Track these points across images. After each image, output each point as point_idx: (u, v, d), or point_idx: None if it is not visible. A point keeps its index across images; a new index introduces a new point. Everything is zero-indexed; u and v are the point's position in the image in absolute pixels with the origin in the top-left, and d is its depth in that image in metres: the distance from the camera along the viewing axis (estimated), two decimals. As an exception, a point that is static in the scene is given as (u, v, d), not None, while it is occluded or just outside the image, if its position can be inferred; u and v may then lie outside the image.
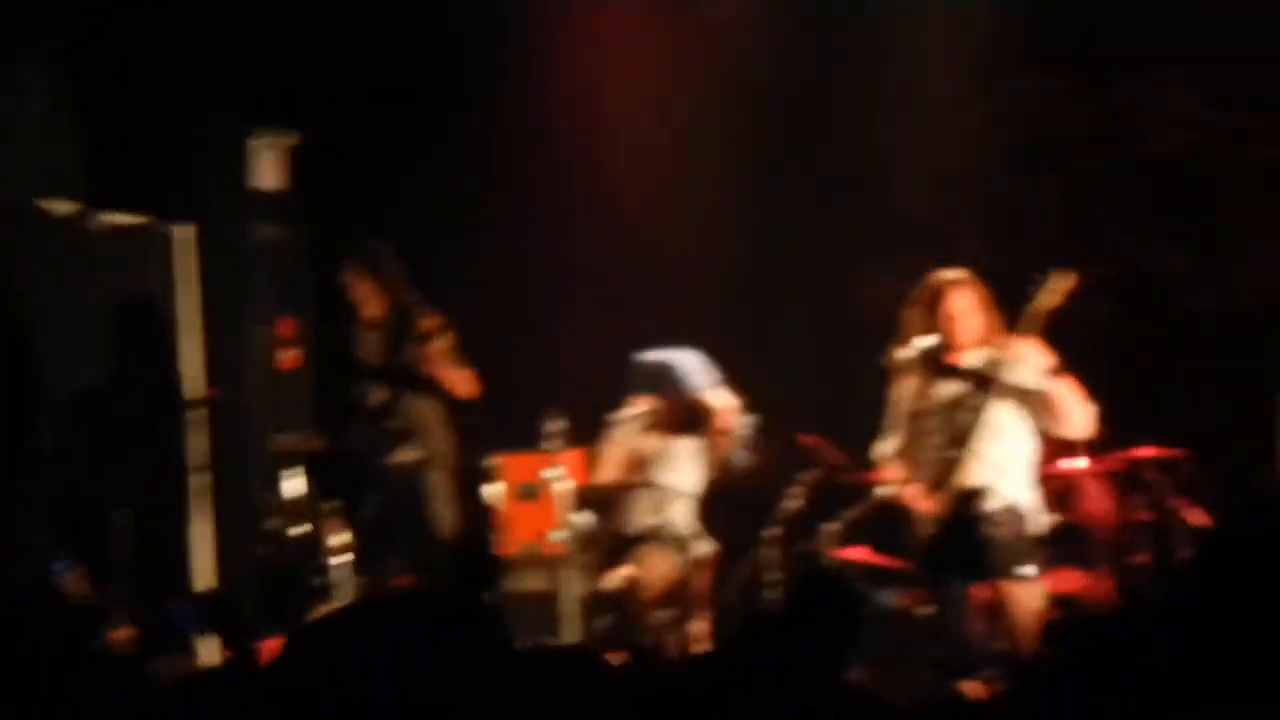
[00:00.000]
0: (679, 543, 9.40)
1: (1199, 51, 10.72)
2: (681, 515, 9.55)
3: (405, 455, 9.38)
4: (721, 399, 9.53)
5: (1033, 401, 8.25)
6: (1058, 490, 9.78)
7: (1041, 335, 8.22)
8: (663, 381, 9.58)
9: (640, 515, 9.56)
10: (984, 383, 8.28)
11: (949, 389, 8.41)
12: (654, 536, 9.47)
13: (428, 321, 9.38)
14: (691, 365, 9.59)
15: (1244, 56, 10.59)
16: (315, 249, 11.13)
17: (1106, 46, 10.92)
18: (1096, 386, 9.46)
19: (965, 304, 8.40)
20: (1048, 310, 8.16)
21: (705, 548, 9.51)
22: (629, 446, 9.67)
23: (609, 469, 9.68)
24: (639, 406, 9.65)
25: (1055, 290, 8.17)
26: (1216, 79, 10.86)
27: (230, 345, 10.70)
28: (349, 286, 9.58)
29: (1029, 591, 8.19)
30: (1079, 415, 8.31)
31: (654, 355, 9.66)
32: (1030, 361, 8.17)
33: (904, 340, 8.47)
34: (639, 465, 9.64)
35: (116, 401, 9.80)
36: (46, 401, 9.62)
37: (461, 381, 9.47)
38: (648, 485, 9.58)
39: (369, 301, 9.56)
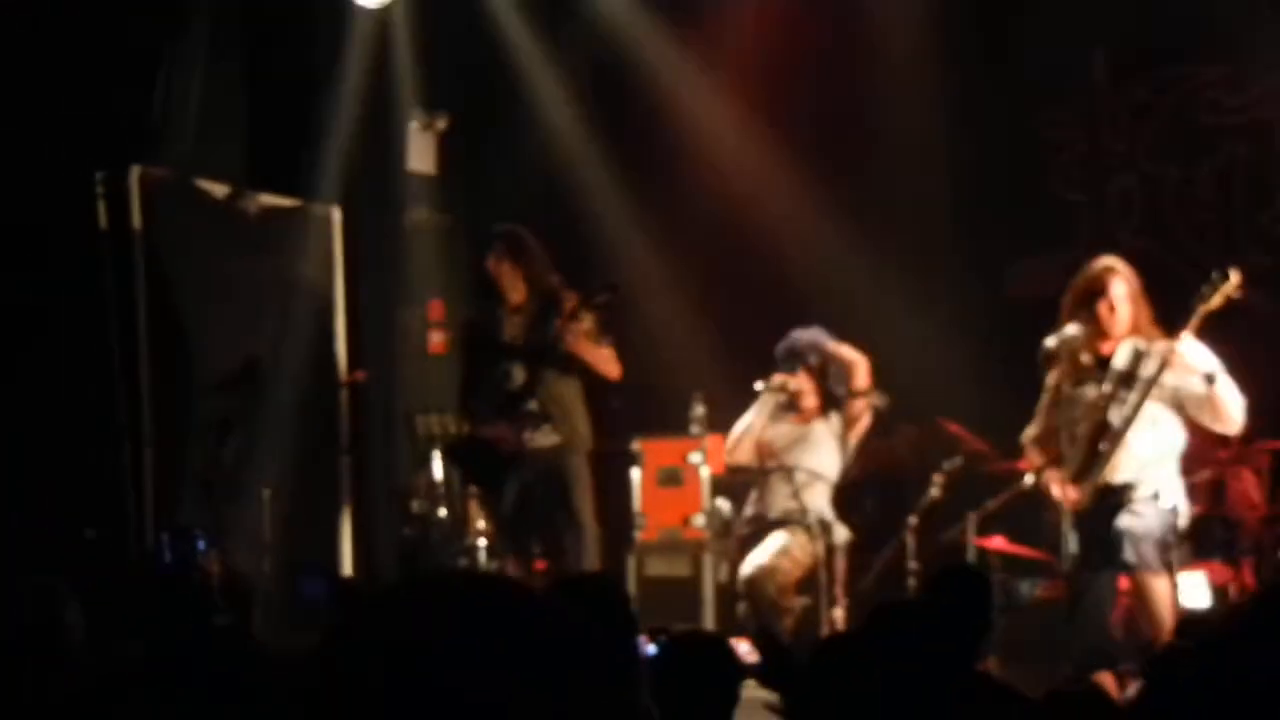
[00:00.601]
0: (817, 528, 9.37)
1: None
2: (820, 500, 9.55)
3: (545, 438, 9.39)
4: (856, 354, 9.55)
5: (1191, 401, 8.18)
6: (1208, 481, 9.68)
7: (1203, 333, 8.12)
8: (800, 353, 9.58)
9: (779, 500, 9.54)
10: (1139, 381, 8.20)
11: (1101, 380, 8.33)
12: (792, 521, 9.44)
13: (569, 301, 9.38)
14: (825, 336, 9.63)
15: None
16: (468, 233, 11.24)
17: (1260, 35, 10.73)
18: (1251, 377, 9.39)
19: (1121, 292, 8.32)
20: (1212, 310, 8.08)
21: (842, 534, 9.50)
22: (766, 424, 9.65)
23: (745, 447, 9.66)
24: (777, 382, 9.62)
25: (1221, 291, 8.07)
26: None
27: (381, 328, 10.83)
28: (491, 271, 9.62)
29: (1169, 584, 8.09)
30: (1236, 413, 8.23)
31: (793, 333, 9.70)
32: (1194, 362, 8.08)
33: (1059, 328, 8.38)
34: (778, 448, 9.62)
35: (267, 381, 9.95)
36: (200, 378, 9.80)
37: (603, 360, 9.46)
38: (787, 469, 9.55)
39: (512, 286, 9.60)
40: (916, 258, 11.29)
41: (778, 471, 9.58)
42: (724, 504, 10.05)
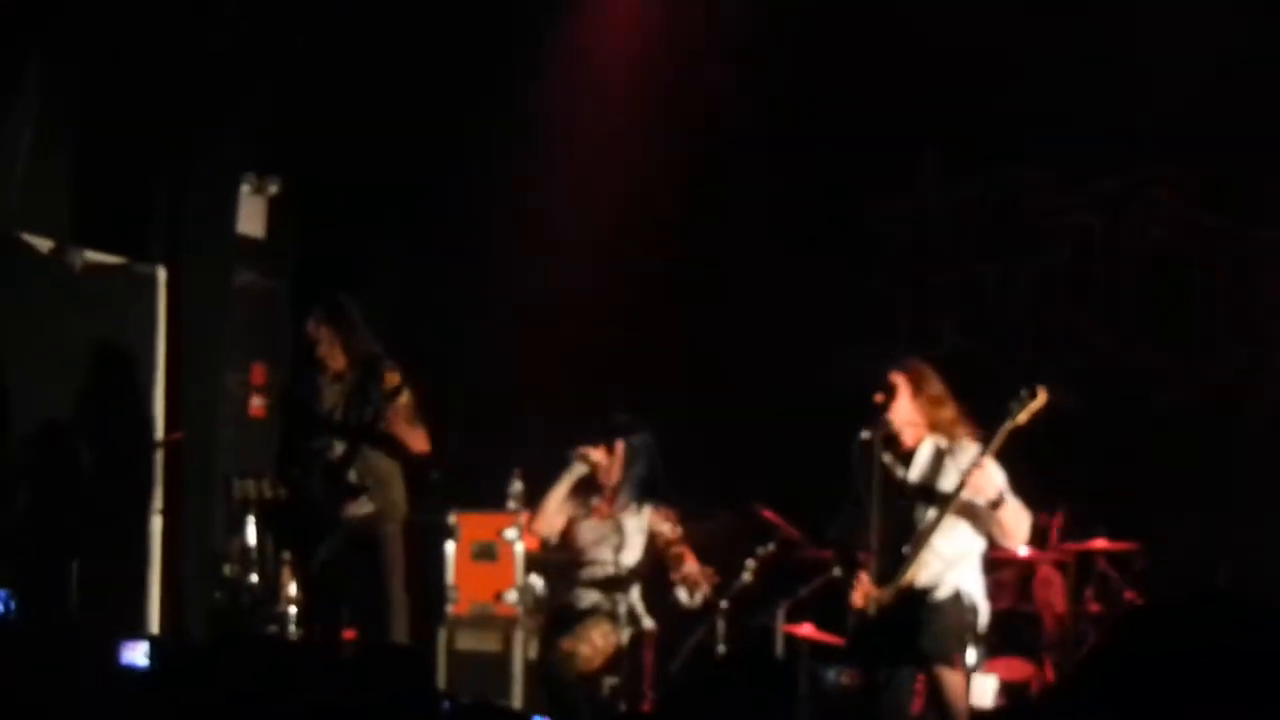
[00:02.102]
0: (625, 620, 9.45)
1: (1180, 149, 10.92)
2: (630, 593, 9.54)
3: (360, 508, 9.42)
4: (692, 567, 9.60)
5: (980, 518, 8.32)
6: (1012, 578, 9.92)
7: (1002, 452, 8.23)
8: (613, 430, 9.60)
9: (587, 592, 9.51)
10: (940, 487, 8.35)
11: (903, 479, 8.46)
12: (600, 612, 9.48)
13: (391, 377, 9.42)
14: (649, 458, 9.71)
15: (1224, 156, 10.79)
16: (294, 298, 11.29)
17: (1090, 140, 11.08)
18: (1061, 478, 9.65)
19: (902, 387, 8.46)
20: (1018, 428, 8.19)
21: (649, 624, 9.59)
22: (568, 500, 9.56)
23: (548, 518, 9.53)
24: (581, 452, 9.56)
25: (1027, 409, 8.17)
26: (1198, 177, 11.05)
27: (202, 390, 10.82)
28: (310, 335, 9.65)
29: (963, 679, 8.21)
30: (1021, 533, 8.37)
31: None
32: (985, 485, 8.17)
33: (869, 424, 8.50)
34: (587, 544, 9.56)
35: (82, 439, 9.90)
36: (14, 435, 9.75)
37: (416, 440, 9.52)
38: (595, 565, 9.52)
39: (330, 354, 9.63)
40: (740, 342, 11.46)
41: (588, 566, 9.54)
42: (537, 581, 10.13)
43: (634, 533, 9.58)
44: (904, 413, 8.42)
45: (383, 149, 11.50)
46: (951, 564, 8.33)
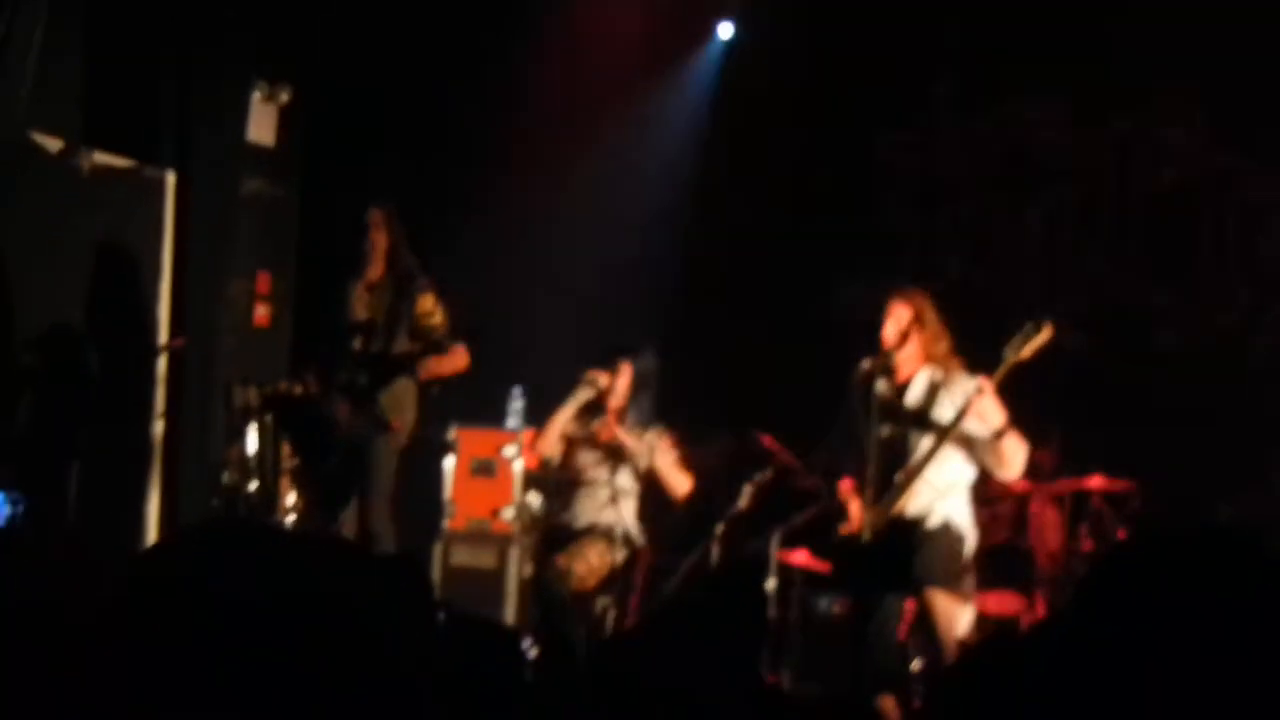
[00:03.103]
0: (620, 541, 9.58)
1: (1195, 88, 11.01)
2: (627, 513, 9.70)
3: (372, 421, 9.53)
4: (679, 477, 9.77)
5: (979, 447, 8.43)
6: (1007, 512, 10.01)
7: (1004, 385, 8.32)
8: (622, 352, 9.73)
9: (585, 512, 9.67)
10: (936, 417, 8.45)
11: (899, 409, 8.57)
12: (596, 532, 9.62)
13: (425, 301, 9.51)
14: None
15: (1240, 97, 10.87)
16: (302, 208, 11.34)
17: (1104, 77, 11.12)
18: (1061, 416, 9.73)
19: (907, 320, 8.55)
20: (1021, 361, 8.30)
21: (642, 545, 9.73)
22: (573, 422, 9.73)
23: (551, 440, 9.71)
24: (590, 376, 9.71)
25: (1032, 343, 8.28)
26: (1212, 118, 11.12)
27: (207, 296, 10.87)
28: (371, 240, 9.69)
29: (956, 607, 8.33)
30: (1017, 466, 8.47)
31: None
32: (987, 414, 8.28)
33: (869, 353, 8.60)
34: (587, 465, 9.72)
35: (87, 343, 9.94)
36: (18, 336, 9.80)
37: (454, 361, 9.66)
38: (594, 485, 9.68)
39: (376, 254, 9.69)
40: (746, 270, 11.53)
41: (586, 486, 9.70)
42: (535, 499, 10.23)
43: (636, 455, 9.70)
44: (905, 343, 8.51)
45: (395, 60, 11.53)
46: (942, 494, 8.44)
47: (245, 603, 2.47)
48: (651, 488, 9.76)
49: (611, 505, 9.63)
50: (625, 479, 9.71)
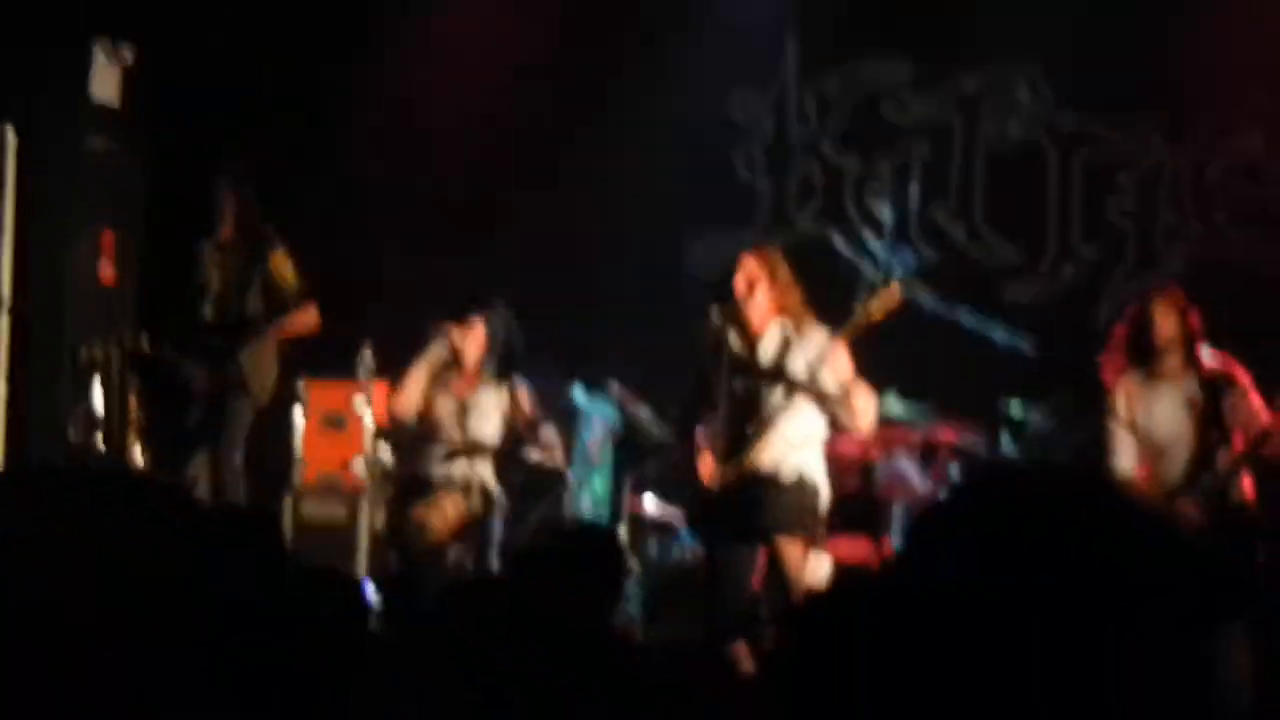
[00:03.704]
0: (477, 494, 9.63)
1: (1043, 51, 11.24)
2: (483, 468, 9.74)
3: (231, 383, 9.54)
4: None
5: (829, 401, 8.51)
6: (856, 462, 10.14)
7: (855, 339, 8.44)
8: (478, 303, 9.78)
9: (440, 465, 9.72)
10: (788, 371, 8.52)
11: (750, 362, 8.62)
12: (453, 484, 9.65)
13: (279, 261, 9.53)
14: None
15: (1085, 59, 11.10)
16: (146, 166, 11.28)
17: (951, 39, 11.33)
18: (916, 367, 9.87)
19: (759, 274, 8.60)
20: (871, 321, 8.44)
21: (501, 499, 9.78)
22: (427, 378, 9.77)
23: (409, 397, 9.75)
24: (445, 329, 9.75)
25: (882, 303, 8.43)
26: (1058, 79, 11.33)
27: (51, 255, 10.78)
28: (221, 202, 9.67)
29: (806, 556, 8.42)
30: (867, 419, 8.61)
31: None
32: (837, 369, 8.40)
33: (719, 306, 8.63)
34: (442, 417, 9.74)
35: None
36: None
37: (305, 320, 9.68)
38: (452, 439, 9.72)
39: (226, 214, 9.67)
40: (598, 225, 11.59)
41: (442, 439, 9.75)
42: (385, 452, 10.23)
43: (491, 407, 9.75)
44: (756, 297, 8.58)
45: (245, 19, 11.51)
46: (795, 446, 8.50)
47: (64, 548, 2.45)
48: (507, 439, 9.80)
49: (467, 458, 9.64)
50: (484, 431, 9.73)
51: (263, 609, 4.20)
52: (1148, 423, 8.54)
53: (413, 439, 9.92)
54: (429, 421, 9.76)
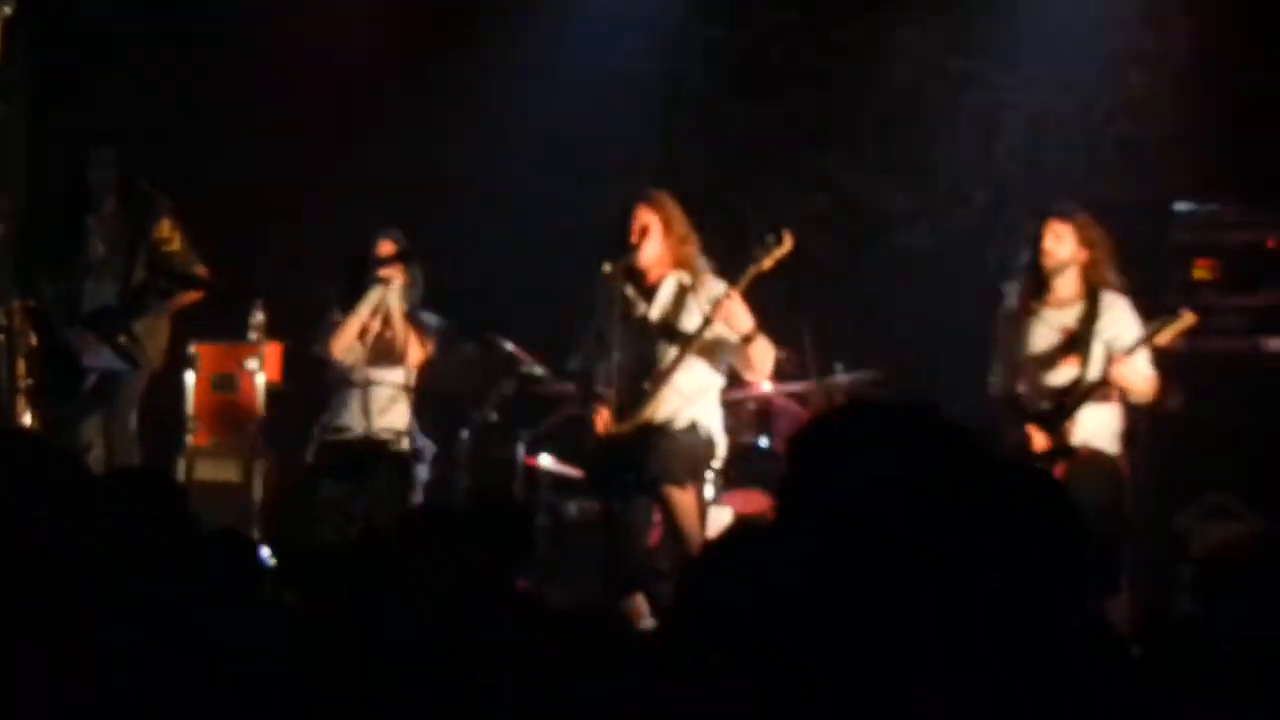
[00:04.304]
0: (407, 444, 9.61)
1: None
2: (401, 417, 9.66)
3: (120, 352, 9.39)
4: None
5: (729, 352, 8.56)
6: (754, 412, 10.21)
7: (749, 289, 8.43)
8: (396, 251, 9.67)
9: (358, 416, 9.61)
10: (677, 331, 8.54)
11: (645, 316, 8.65)
12: (376, 441, 9.58)
13: (164, 227, 9.44)
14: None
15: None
16: (32, 126, 11.12)
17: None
18: (808, 316, 9.93)
19: (652, 223, 8.61)
20: (762, 271, 8.42)
21: (424, 443, 9.80)
22: (367, 322, 9.63)
23: (351, 342, 9.59)
24: (384, 273, 9.61)
25: (772, 254, 8.40)
26: (943, 21, 11.36)
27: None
28: (100, 173, 9.50)
29: (697, 505, 8.47)
30: (766, 369, 8.68)
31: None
32: (735, 322, 8.39)
33: (612, 257, 8.62)
34: (361, 359, 9.60)
35: None
36: None
37: (195, 292, 9.61)
38: (369, 385, 9.59)
39: (109, 190, 9.52)
40: (487, 176, 11.54)
41: (361, 387, 9.65)
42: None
43: (413, 348, 9.69)
44: (651, 248, 8.58)
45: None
46: (690, 399, 8.54)
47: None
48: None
49: (393, 407, 9.61)
50: (405, 374, 9.69)
51: (160, 569, 4.25)
52: (1020, 347, 8.62)
53: (329, 389, 9.83)
54: (348, 374, 9.67)
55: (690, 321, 8.54)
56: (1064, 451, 8.35)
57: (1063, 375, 8.53)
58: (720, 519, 8.89)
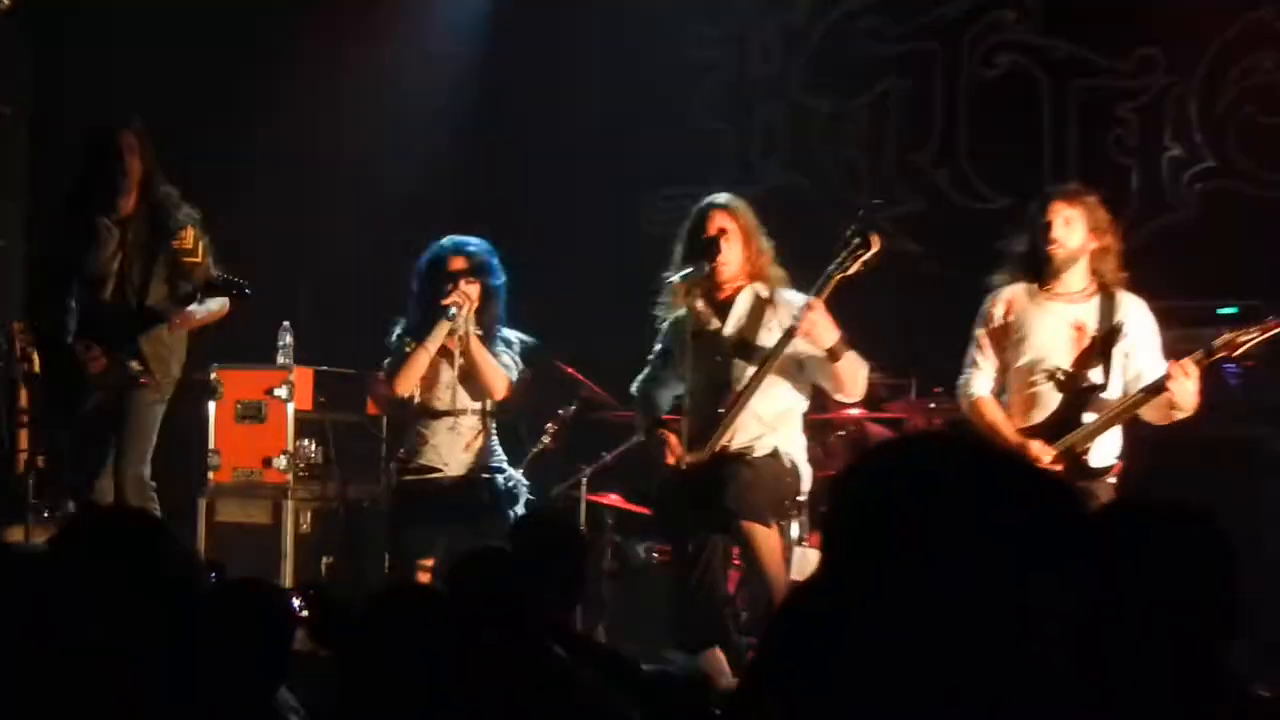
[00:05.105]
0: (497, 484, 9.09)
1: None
2: (497, 451, 9.19)
3: (127, 375, 9.01)
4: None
5: (813, 367, 8.20)
6: (844, 439, 9.89)
7: (833, 300, 8.05)
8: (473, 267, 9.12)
9: (454, 450, 9.11)
10: (754, 349, 8.23)
11: (719, 330, 8.35)
12: (477, 480, 9.09)
13: (185, 238, 9.03)
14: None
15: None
16: (33, 125, 11.11)
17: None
18: (901, 328, 9.75)
19: (728, 232, 8.32)
20: (848, 278, 8.03)
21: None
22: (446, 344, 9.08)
23: (416, 377, 9.10)
24: (452, 299, 9.01)
25: (859, 259, 7.99)
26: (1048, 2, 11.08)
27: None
28: (122, 167, 8.90)
29: (781, 543, 8.10)
30: (858, 386, 8.28)
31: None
32: (820, 334, 8.02)
33: (685, 268, 8.33)
34: (438, 384, 9.12)
35: None
36: None
37: (213, 312, 9.17)
38: (455, 413, 9.11)
39: (129, 190, 8.94)
40: (544, 183, 11.49)
41: (441, 420, 9.15)
42: (310, 444, 9.97)
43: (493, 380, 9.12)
44: (728, 258, 8.28)
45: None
46: (771, 425, 8.20)
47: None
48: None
49: (479, 441, 9.11)
50: (483, 407, 9.18)
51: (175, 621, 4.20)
52: (1022, 342, 8.05)
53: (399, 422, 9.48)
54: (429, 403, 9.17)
55: (769, 337, 8.20)
56: (1084, 473, 7.85)
57: (1080, 379, 8.03)
58: (807, 561, 8.52)
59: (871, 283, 8.14)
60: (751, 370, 8.17)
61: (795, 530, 8.62)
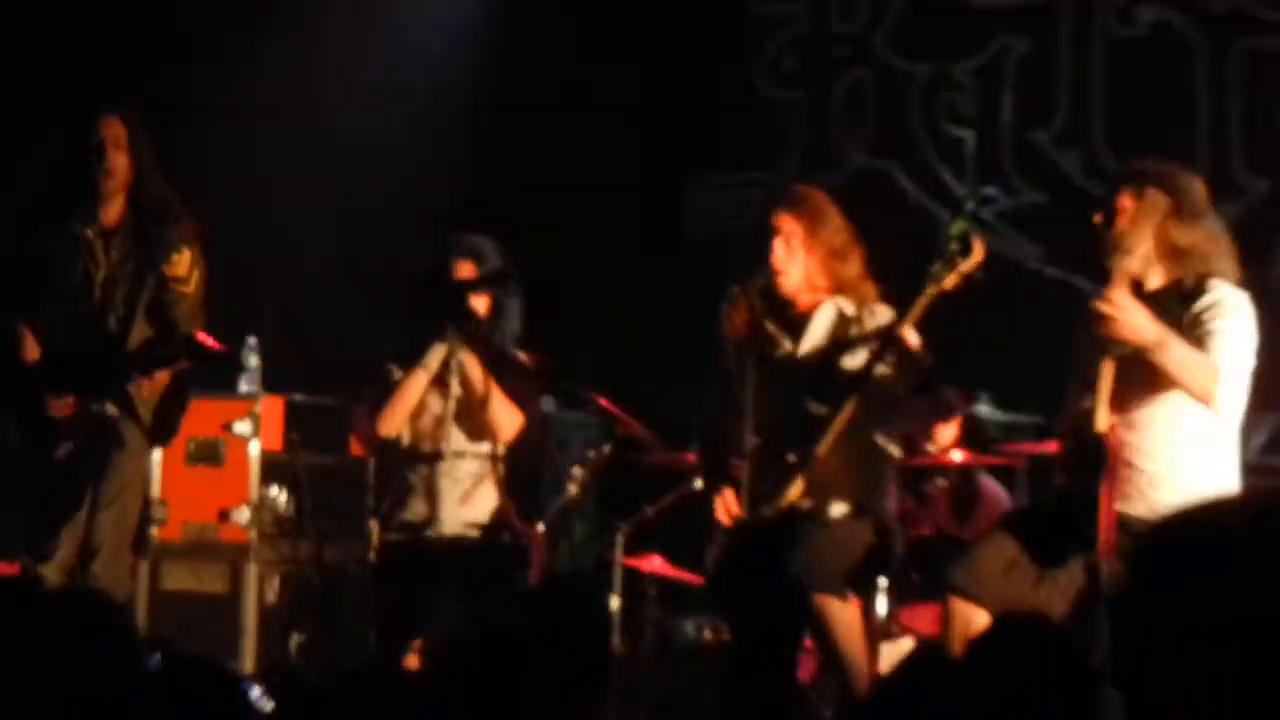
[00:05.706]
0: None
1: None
2: (490, 499, 9.08)
3: (99, 421, 8.75)
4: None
5: (897, 407, 8.06)
6: (943, 493, 9.91)
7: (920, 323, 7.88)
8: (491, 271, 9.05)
9: (451, 497, 9.02)
10: (834, 378, 8.01)
11: (790, 355, 8.16)
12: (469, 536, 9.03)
13: (180, 261, 8.76)
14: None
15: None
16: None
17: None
18: (1002, 346, 9.86)
19: (796, 234, 8.09)
20: (944, 292, 7.80)
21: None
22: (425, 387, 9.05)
23: (402, 417, 9.04)
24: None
25: (957, 270, 7.75)
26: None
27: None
28: (106, 165, 8.74)
29: (860, 622, 7.91)
30: (948, 429, 8.35)
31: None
32: (905, 359, 7.90)
33: (744, 280, 8.17)
34: (430, 423, 9.06)
35: None
36: None
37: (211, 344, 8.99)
38: (453, 456, 9.02)
39: (113, 193, 8.80)
40: (563, 175, 11.58)
41: (434, 465, 9.08)
42: (278, 493, 9.87)
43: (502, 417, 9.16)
44: (796, 265, 8.05)
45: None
46: (846, 474, 8.00)
47: None
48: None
49: (479, 490, 9.01)
50: (486, 450, 9.10)
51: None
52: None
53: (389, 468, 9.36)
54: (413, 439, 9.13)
55: (853, 364, 8.00)
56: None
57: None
58: (895, 647, 8.45)
59: (975, 297, 7.89)
60: (829, 407, 7.96)
61: (882, 607, 8.46)
